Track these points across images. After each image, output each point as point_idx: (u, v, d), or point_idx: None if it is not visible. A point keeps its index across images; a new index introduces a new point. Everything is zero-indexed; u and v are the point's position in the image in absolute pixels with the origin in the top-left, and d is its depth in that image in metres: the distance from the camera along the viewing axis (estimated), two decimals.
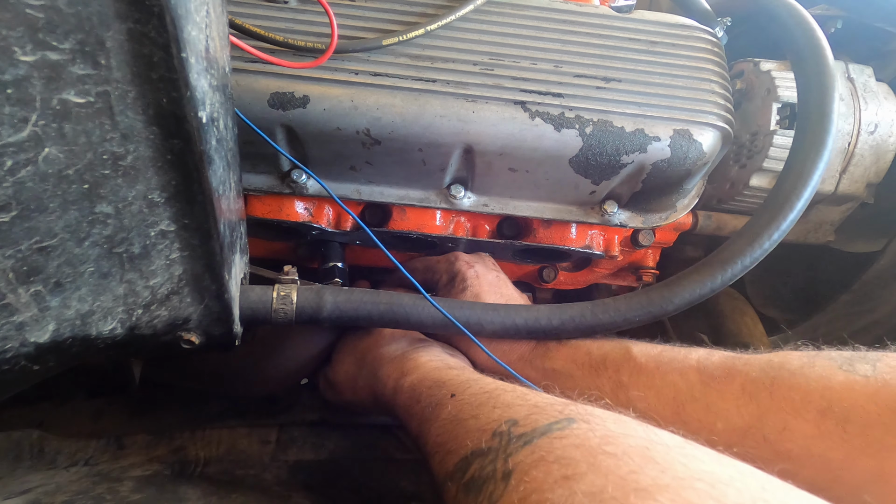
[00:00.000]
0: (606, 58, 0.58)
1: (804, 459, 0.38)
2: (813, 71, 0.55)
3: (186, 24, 0.28)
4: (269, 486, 0.62)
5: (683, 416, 0.44)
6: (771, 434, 0.40)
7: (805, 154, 0.53)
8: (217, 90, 0.35)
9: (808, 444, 0.38)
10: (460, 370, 0.48)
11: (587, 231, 0.66)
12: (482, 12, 0.58)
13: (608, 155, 0.55)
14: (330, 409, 0.71)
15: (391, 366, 0.53)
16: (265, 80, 0.52)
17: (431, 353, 0.53)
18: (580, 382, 0.51)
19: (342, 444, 0.70)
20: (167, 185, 0.34)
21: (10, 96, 0.27)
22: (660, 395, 0.46)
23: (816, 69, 0.55)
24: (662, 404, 0.46)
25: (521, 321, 0.52)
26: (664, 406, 0.46)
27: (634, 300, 0.53)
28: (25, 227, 0.30)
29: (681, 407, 0.45)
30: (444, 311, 0.51)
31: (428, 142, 0.55)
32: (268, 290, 0.48)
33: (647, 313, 0.52)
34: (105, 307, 0.36)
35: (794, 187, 0.52)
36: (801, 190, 0.51)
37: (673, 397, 0.45)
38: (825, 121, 0.53)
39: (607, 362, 0.51)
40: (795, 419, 0.39)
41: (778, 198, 0.52)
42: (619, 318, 0.52)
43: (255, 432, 0.69)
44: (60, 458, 0.62)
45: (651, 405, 0.46)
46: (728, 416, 0.42)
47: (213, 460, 0.65)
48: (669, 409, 0.45)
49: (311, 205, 0.62)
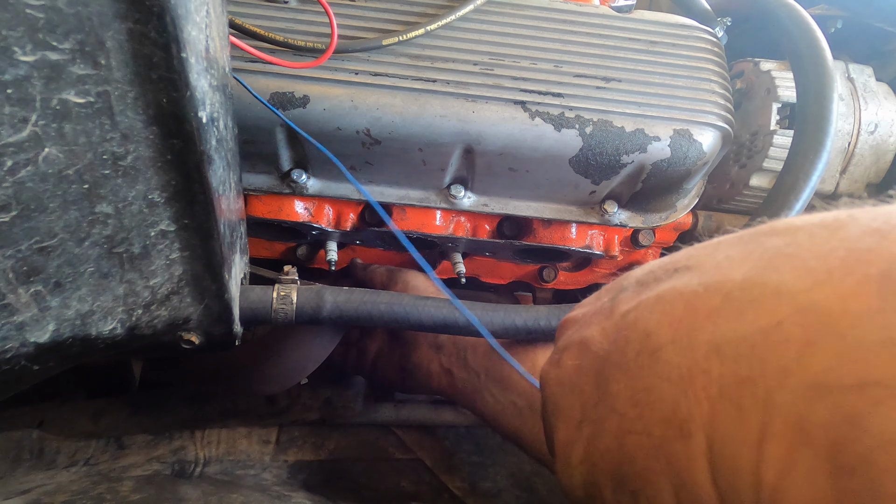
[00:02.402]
0: (606, 58, 0.58)
1: None
2: (812, 71, 0.55)
3: (186, 24, 0.28)
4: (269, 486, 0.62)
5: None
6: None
7: (804, 154, 0.53)
8: (217, 90, 0.35)
9: None
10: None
11: (587, 231, 0.66)
12: (482, 12, 0.58)
13: (608, 155, 0.55)
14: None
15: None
16: (265, 80, 0.52)
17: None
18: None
19: (342, 444, 0.70)
20: (167, 185, 0.34)
21: (10, 96, 0.27)
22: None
23: (815, 69, 0.55)
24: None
25: (521, 321, 0.52)
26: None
27: None
28: (25, 227, 0.30)
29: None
30: (466, 312, 0.51)
31: (428, 142, 0.55)
32: (268, 290, 0.48)
33: None
34: (105, 307, 0.36)
35: (793, 187, 0.52)
36: (800, 190, 0.51)
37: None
38: (824, 121, 0.53)
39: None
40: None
41: (777, 198, 0.52)
42: None
43: (255, 432, 0.69)
44: (60, 458, 0.62)
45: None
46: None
47: (213, 460, 0.65)
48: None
49: (311, 205, 0.62)
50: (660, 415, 0.20)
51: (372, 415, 0.73)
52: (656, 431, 0.20)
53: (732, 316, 0.19)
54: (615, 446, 0.21)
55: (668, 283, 0.22)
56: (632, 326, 0.22)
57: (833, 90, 0.54)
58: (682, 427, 0.19)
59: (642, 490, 0.20)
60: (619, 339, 0.23)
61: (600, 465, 0.22)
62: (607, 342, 0.23)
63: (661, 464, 0.20)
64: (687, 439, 0.19)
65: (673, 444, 0.19)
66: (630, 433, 0.21)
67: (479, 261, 0.75)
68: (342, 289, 0.51)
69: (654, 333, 0.21)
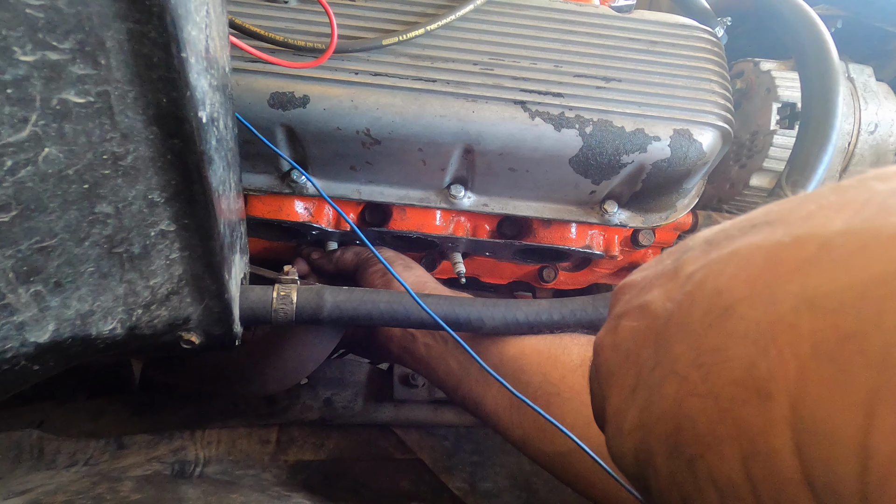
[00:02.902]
0: (606, 58, 0.58)
1: None
2: (816, 67, 0.55)
3: (186, 24, 0.28)
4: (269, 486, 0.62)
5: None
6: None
7: (809, 149, 0.53)
8: (217, 90, 0.35)
9: None
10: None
11: (587, 231, 0.66)
12: (482, 12, 0.58)
13: (608, 155, 0.55)
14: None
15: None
16: (265, 79, 0.52)
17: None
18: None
19: (342, 444, 0.70)
20: (167, 185, 0.34)
21: (10, 96, 0.27)
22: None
23: (820, 65, 0.55)
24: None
25: (523, 316, 0.52)
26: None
27: None
28: (25, 227, 0.30)
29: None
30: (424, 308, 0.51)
31: (428, 141, 0.55)
32: (268, 290, 0.48)
33: None
34: (105, 307, 0.36)
35: (797, 184, 0.52)
36: (805, 187, 0.51)
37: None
38: (830, 115, 0.53)
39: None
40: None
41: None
42: None
43: (255, 432, 0.69)
44: (60, 458, 0.62)
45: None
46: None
47: (213, 460, 0.65)
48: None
49: (311, 205, 0.62)
50: (729, 376, 0.18)
51: (372, 415, 0.73)
52: (725, 393, 0.18)
53: (831, 265, 0.17)
54: (673, 410, 0.19)
55: (744, 239, 0.20)
56: (699, 286, 0.20)
57: (838, 85, 0.54)
58: (759, 388, 0.17)
59: (702, 456, 0.18)
60: (683, 300, 0.21)
61: (655, 431, 0.20)
62: (671, 304, 0.21)
63: (728, 428, 0.18)
64: (765, 402, 0.17)
65: (745, 408, 0.17)
66: (692, 396, 0.19)
67: (479, 261, 0.75)
68: (342, 288, 0.51)
69: (727, 290, 0.19)
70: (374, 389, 0.76)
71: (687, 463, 0.19)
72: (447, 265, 0.72)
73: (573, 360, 0.53)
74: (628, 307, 0.24)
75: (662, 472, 0.20)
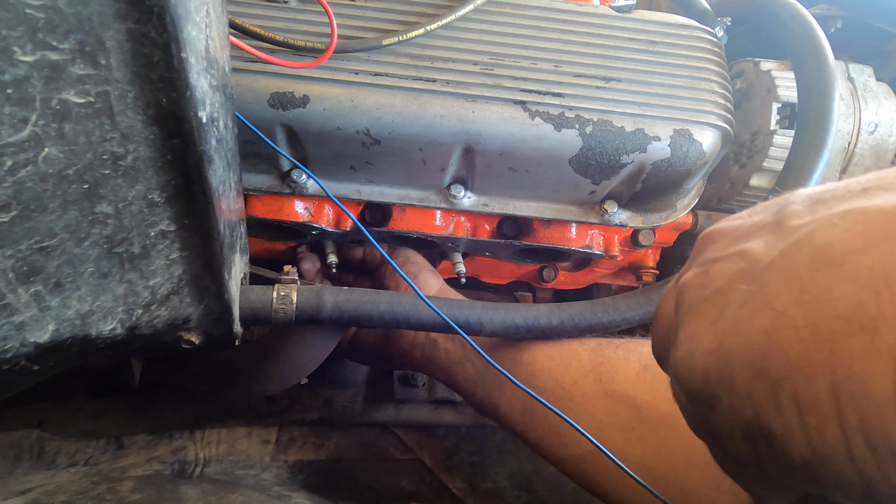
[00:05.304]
0: (606, 58, 0.58)
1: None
2: (813, 69, 0.55)
3: (186, 24, 0.28)
4: (269, 486, 0.62)
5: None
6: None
7: (805, 153, 0.53)
8: (217, 90, 0.35)
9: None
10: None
11: (587, 231, 0.66)
12: (482, 12, 0.58)
13: (608, 155, 0.55)
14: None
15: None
16: (265, 79, 0.52)
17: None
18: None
19: (342, 444, 0.70)
20: (167, 185, 0.34)
21: (10, 96, 0.27)
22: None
23: (816, 68, 0.55)
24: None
25: (522, 320, 0.53)
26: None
27: (634, 299, 0.53)
28: (25, 227, 0.30)
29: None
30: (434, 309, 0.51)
31: (428, 141, 0.55)
32: (268, 290, 0.48)
33: (646, 312, 0.52)
34: (105, 307, 0.36)
35: (794, 186, 0.52)
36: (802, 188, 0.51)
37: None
38: (825, 119, 0.53)
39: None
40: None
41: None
42: (619, 318, 0.52)
43: (255, 432, 0.69)
44: (60, 458, 0.62)
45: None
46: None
47: (213, 460, 0.65)
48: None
49: (311, 205, 0.62)
50: (833, 312, 0.19)
51: (372, 415, 0.73)
52: (826, 326, 0.19)
53: None
54: (763, 339, 0.21)
55: (857, 201, 0.21)
56: (808, 236, 0.22)
57: (835, 89, 0.54)
58: (865, 324, 0.19)
59: (789, 378, 0.20)
60: (788, 249, 0.22)
61: (738, 355, 0.22)
62: (773, 251, 0.23)
63: (824, 355, 0.19)
64: (870, 335, 0.18)
65: (846, 339, 0.19)
66: (787, 328, 0.20)
67: (479, 261, 0.75)
68: (342, 289, 0.51)
69: (839, 241, 0.20)
70: (374, 389, 0.76)
71: (772, 384, 0.21)
72: (447, 265, 0.72)
73: (584, 366, 0.53)
74: (724, 252, 0.25)
75: (740, 390, 0.22)
